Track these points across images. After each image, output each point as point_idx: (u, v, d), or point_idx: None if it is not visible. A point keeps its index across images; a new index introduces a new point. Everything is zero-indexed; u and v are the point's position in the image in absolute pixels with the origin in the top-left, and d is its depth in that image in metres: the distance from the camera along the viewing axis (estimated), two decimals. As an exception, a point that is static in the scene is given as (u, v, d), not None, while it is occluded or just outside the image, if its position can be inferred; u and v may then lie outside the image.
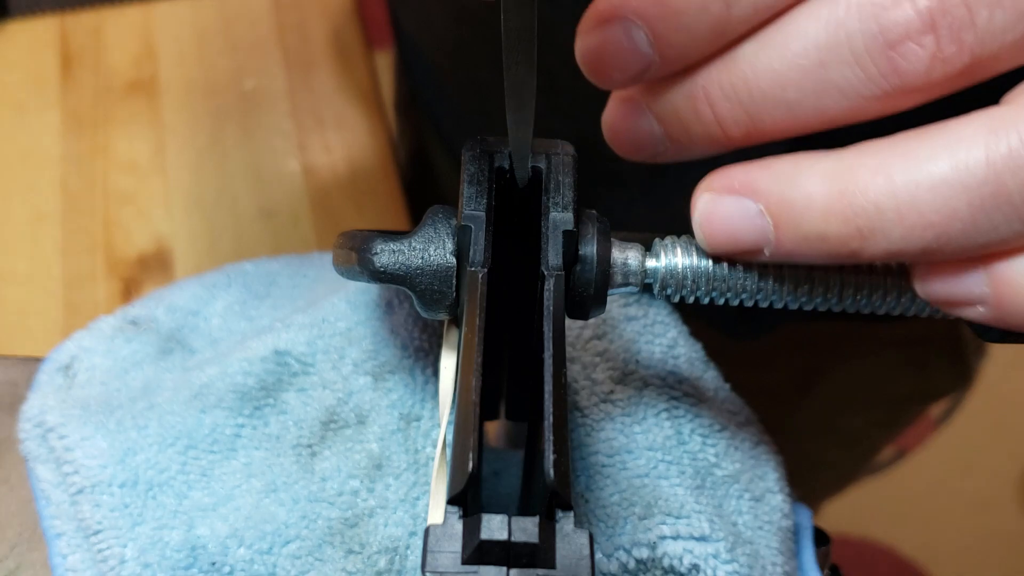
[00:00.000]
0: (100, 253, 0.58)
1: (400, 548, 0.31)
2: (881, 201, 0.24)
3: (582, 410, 0.34)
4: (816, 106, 0.25)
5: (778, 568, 0.33)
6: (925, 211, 0.23)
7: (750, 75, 0.25)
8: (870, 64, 0.24)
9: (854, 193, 0.24)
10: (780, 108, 0.25)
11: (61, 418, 0.33)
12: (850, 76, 0.24)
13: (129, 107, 0.63)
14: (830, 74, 0.24)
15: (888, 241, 0.24)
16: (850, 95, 0.24)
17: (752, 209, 0.26)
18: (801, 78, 0.24)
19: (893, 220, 0.24)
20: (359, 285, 0.36)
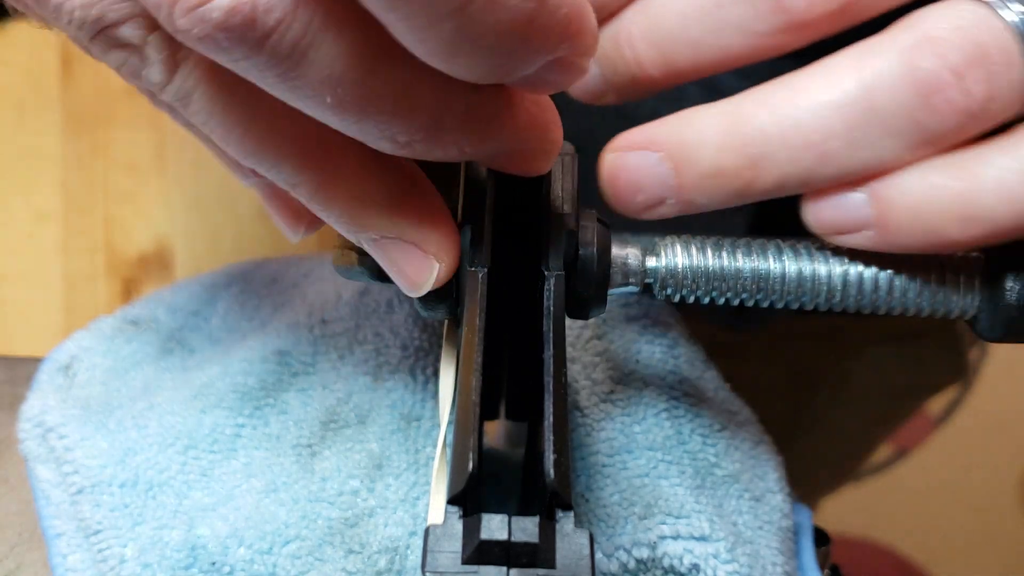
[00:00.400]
0: (100, 253, 0.58)
1: (400, 548, 0.31)
2: (766, 127, 0.26)
3: (582, 410, 0.34)
4: (717, 43, 0.27)
5: (778, 568, 0.33)
6: (806, 131, 0.26)
7: (660, 15, 0.28)
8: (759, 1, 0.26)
9: (743, 124, 0.26)
10: (687, 46, 0.28)
11: (61, 418, 0.33)
12: (742, 12, 0.27)
13: (129, 107, 0.63)
14: (725, 11, 0.27)
15: (777, 166, 0.26)
16: (745, 31, 0.27)
17: (652, 158, 0.28)
18: (702, 16, 0.27)
19: (778, 144, 0.26)
20: (359, 285, 0.36)
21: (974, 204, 0.25)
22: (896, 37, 0.25)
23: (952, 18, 0.25)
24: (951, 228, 0.25)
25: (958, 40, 0.25)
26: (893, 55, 0.25)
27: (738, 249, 0.28)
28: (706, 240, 0.29)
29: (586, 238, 0.27)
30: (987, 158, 0.25)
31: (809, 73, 0.26)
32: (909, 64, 0.25)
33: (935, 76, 0.25)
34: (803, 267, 0.28)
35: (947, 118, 0.25)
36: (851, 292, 0.28)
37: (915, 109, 0.25)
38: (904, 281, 0.28)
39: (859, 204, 0.26)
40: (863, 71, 0.25)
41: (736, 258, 0.28)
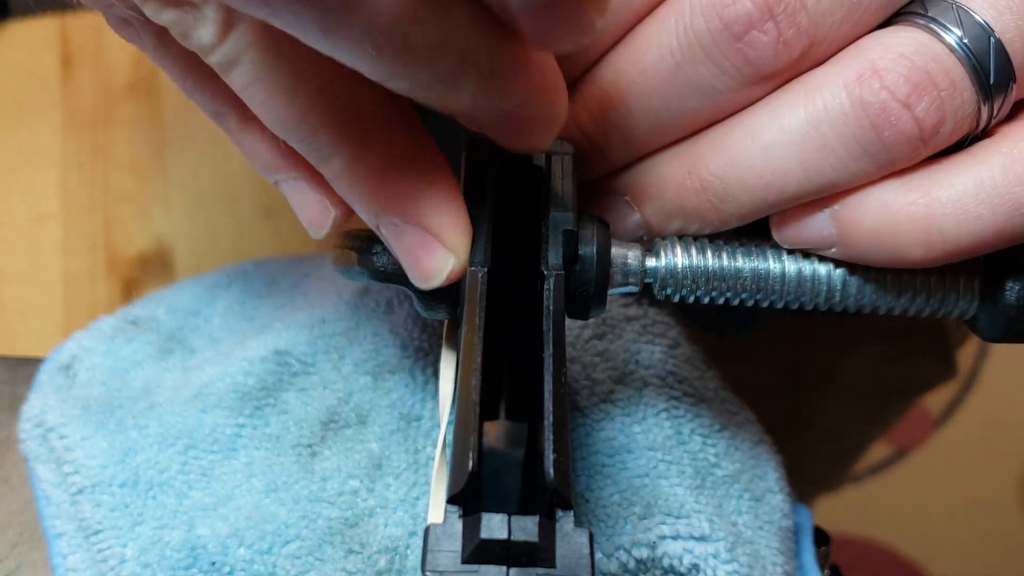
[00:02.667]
0: (100, 253, 0.58)
1: (400, 548, 0.31)
2: (723, 171, 0.27)
3: (582, 410, 0.34)
4: (680, 108, 0.27)
5: (778, 568, 0.33)
6: (762, 173, 0.26)
7: (614, 94, 0.27)
8: (722, 59, 0.26)
9: (699, 169, 0.27)
10: (648, 117, 0.27)
11: (61, 418, 0.33)
12: (705, 73, 0.26)
13: (129, 107, 0.63)
14: (687, 75, 0.26)
15: (738, 205, 0.27)
16: (709, 91, 0.26)
17: (620, 200, 0.29)
18: (662, 84, 0.27)
19: (736, 187, 0.27)
20: (359, 285, 0.36)
21: (934, 227, 0.25)
22: (841, 70, 0.25)
23: (895, 47, 0.25)
24: (914, 250, 0.26)
25: (903, 70, 0.25)
26: (839, 89, 0.25)
27: (738, 249, 0.28)
28: (706, 240, 0.29)
29: (586, 238, 0.27)
30: (944, 178, 0.26)
31: (759, 112, 0.26)
32: (856, 98, 0.25)
33: (883, 108, 0.25)
34: (803, 267, 0.28)
35: (899, 147, 0.25)
36: (851, 292, 0.28)
37: (867, 142, 0.25)
38: (904, 282, 0.28)
39: (822, 224, 0.27)
40: (810, 107, 0.26)
41: (736, 258, 0.28)
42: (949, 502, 1.48)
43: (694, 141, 0.27)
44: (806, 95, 0.26)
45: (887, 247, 0.26)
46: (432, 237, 0.26)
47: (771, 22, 0.25)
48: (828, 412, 0.74)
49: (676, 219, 0.28)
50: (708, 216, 0.27)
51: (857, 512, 1.32)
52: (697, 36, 0.26)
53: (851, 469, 0.90)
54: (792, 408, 0.70)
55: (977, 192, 0.25)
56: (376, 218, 0.26)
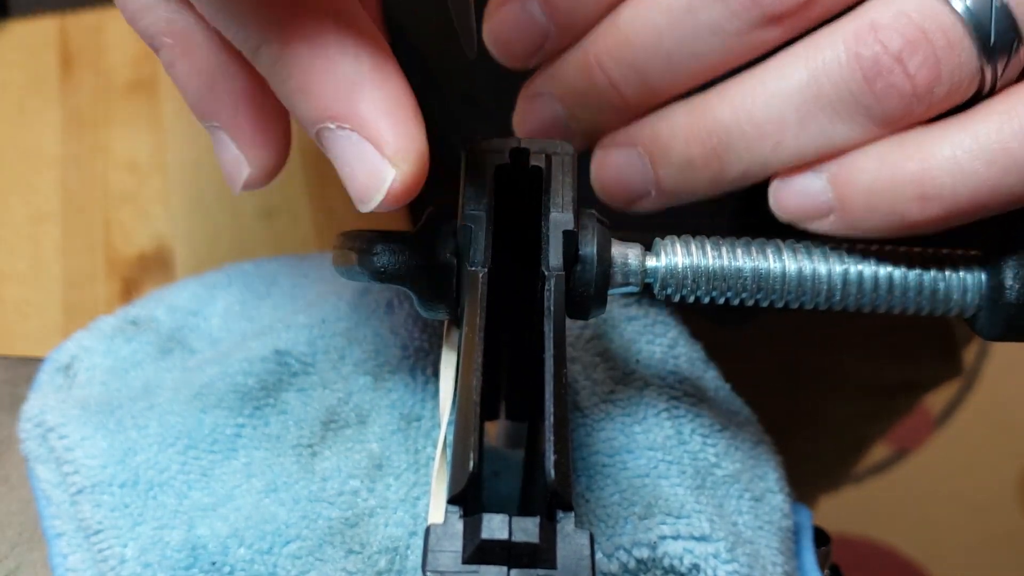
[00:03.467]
0: (100, 253, 0.58)
1: (400, 548, 0.31)
2: (725, 119, 0.28)
3: (582, 410, 0.34)
4: (692, 51, 0.27)
5: (778, 568, 0.33)
6: (761, 122, 0.27)
7: (630, 32, 0.28)
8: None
9: (704, 116, 0.28)
10: (661, 59, 0.28)
11: (61, 418, 0.33)
12: (715, 14, 0.27)
13: (129, 107, 0.63)
14: (699, 16, 0.27)
15: (738, 156, 0.28)
16: (719, 33, 0.27)
17: (633, 154, 0.30)
18: (674, 25, 0.27)
19: (737, 135, 0.27)
20: (359, 285, 0.36)
21: (929, 183, 0.26)
22: (843, 26, 0.26)
23: (897, 4, 0.26)
24: (911, 208, 0.26)
25: (899, 26, 0.25)
26: (839, 43, 0.26)
27: (738, 249, 0.28)
28: (706, 240, 0.29)
29: (586, 238, 0.27)
30: (940, 136, 0.26)
31: (765, 66, 0.27)
32: (852, 51, 0.26)
33: (876, 62, 0.25)
34: (803, 266, 0.28)
35: (892, 102, 0.26)
36: (851, 291, 0.28)
37: (860, 95, 0.26)
38: (904, 280, 0.28)
39: (819, 190, 0.27)
40: (811, 60, 0.26)
41: (736, 258, 0.28)
42: (949, 502, 1.48)
43: (705, 92, 0.28)
44: (809, 49, 0.26)
45: (884, 208, 0.26)
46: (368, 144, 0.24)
47: None
48: (830, 410, 0.74)
49: (684, 171, 0.29)
50: (713, 168, 0.28)
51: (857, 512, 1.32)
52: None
53: (853, 468, 0.90)
54: (793, 405, 0.70)
55: (972, 147, 0.26)
56: (311, 124, 0.24)
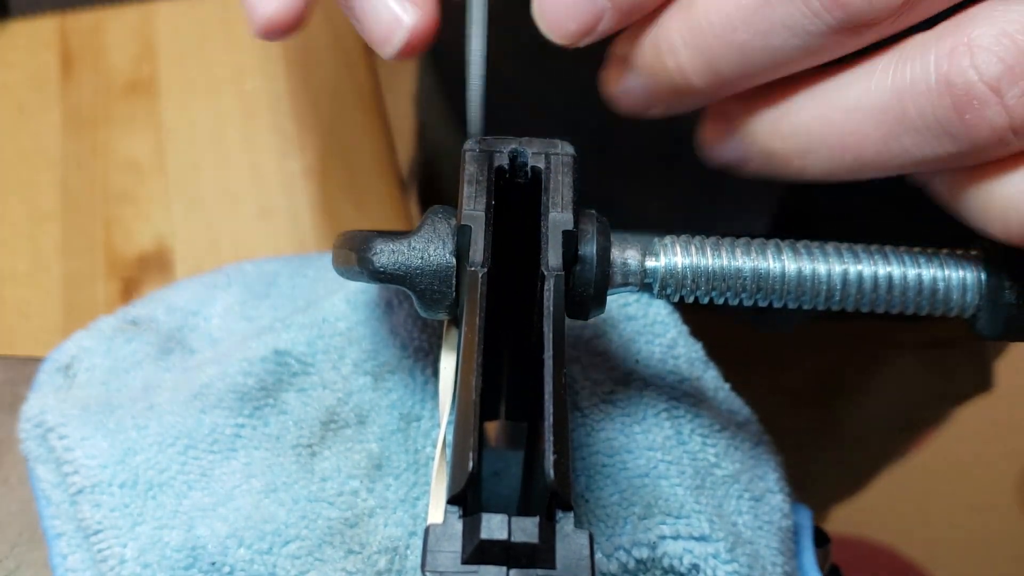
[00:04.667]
0: (100, 253, 0.58)
1: (400, 548, 0.31)
2: (809, 122, 0.26)
3: (582, 410, 0.34)
4: (766, 46, 0.25)
5: (778, 568, 0.33)
6: (842, 133, 0.25)
7: (703, 19, 0.26)
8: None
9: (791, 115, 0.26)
10: (733, 51, 0.26)
11: (61, 418, 0.33)
12: (794, 12, 0.24)
13: (129, 107, 0.63)
14: (775, 11, 0.24)
15: (819, 160, 0.26)
16: (797, 31, 0.25)
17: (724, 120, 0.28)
18: (748, 16, 0.25)
19: (818, 141, 0.25)
20: (359, 285, 0.36)
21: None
22: (937, 40, 0.23)
23: (1001, 22, 0.23)
24: None
25: (1000, 49, 0.22)
26: (929, 61, 0.23)
27: (738, 248, 0.28)
28: (705, 240, 0.29)
29: (585, 238, 0.27)
30: None
31: (852, 69, 0.25)
32: (943, 74, 0.23)
33: (968, 89, 0.23)
34: (803, 266, 0.28)
35: (983, 134, 0.23)
36: (851, 291, 0.28)
37: (947, 123, 0.23)
38: (904, 280, 0.28)
39: None
40: (898, 75, 0.24)
41: (736, 258, 0.28)
42: (949, 502, 1.48)
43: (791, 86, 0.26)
44: (897, 61, 0.24)
45: None
46: None
47: None
48: (859, 420, 0.74)
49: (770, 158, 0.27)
50: (794, 164, 0.27)
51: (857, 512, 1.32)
52: None
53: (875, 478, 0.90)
54: (823, 415, 0.70)
55: None
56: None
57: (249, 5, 0.28)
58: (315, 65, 0.66)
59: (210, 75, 0.65)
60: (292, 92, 0.65)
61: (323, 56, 0.66)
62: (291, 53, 0.66)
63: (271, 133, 0.63)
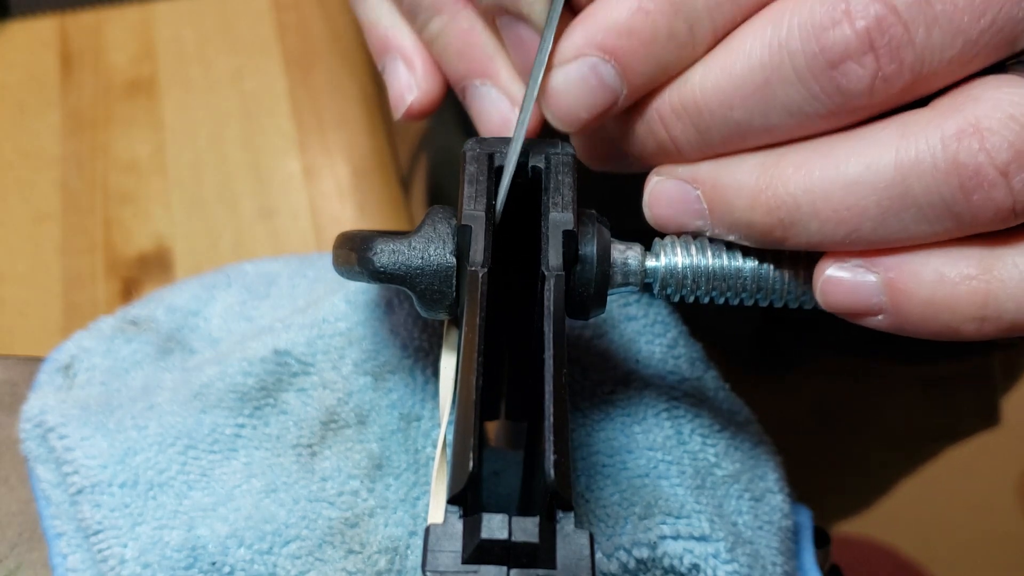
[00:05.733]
0: (100, 253, 0.58)
1: (400, 548, 0.31)
2: (799, 196, 0.25)
3: (582, 410, 0.34)
4: (763, 124, 0.25)
5: (778, 568, 0.33)
6: (838, 207, 0.24)
7: (699, 97, 0.26)
8: (812, 83, 0.24)
9: (776, 186, 0.25)
10: (728, 126, 0.26)
11: (61, 418, 0.33)
12: (794, 95, 0.24)
13: (129, 107, 0.63)
14: (775, 93, 0.25)
15: (807, 233, 0.25)
16: (795, 112, 0.25)
17: (691, 194, 0.27)
18: (747, 97, 0.25)
19: (809, 214, 0.25)
20: (359, 285, 0.36)
21: (992, 305, 0.24)
22: (943, 120, 0.23)
23: (1006, 106, 0.23)
24: (967, 327, 0.24)
25: (1009, 134, 0.23)
26: (936, 141, 0.23)
27: (738, 249, 0.28)
28: (705, 240, 0.29)
29: (586, 238, 0.27)
30: (1007, 257, 0.24)
31: (849, 143, 0.25)
32: (952, 154, 0.23)
33: (977, 172, 0.23)
34: (803, 266, 0.28)
35: (988, 215, 0.23)
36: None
37: (953, 203, 0.23)
38: None
39: (872, 291, 0.25)
40: (902, 152, 0.24)
41: (736, 258, 0.28)
42: (949, 502, 1.48)
43: (779, 155, 0.26)
44: (901, 138, 0.24)
45: (939, 322, 0.25)
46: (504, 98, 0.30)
47: (871, 55, 0.23)
48: (862, 451, 0.74)
49: (741, 230, 0.27)
50: (774, 235, 0.26)
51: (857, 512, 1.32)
52: (790, 55, 0.24)
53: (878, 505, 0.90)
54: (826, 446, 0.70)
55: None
56: (461, 79, 0.31)
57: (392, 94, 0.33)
58: (315, 65, 0.66)
59: (210, 75, 0.65)
60: (292, 92, 0.65)
61: (323, 56, 0.66)
62: (291, 53, 0.66)
63: (271, 133, 0.63)
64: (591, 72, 0.26)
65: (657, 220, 0.29)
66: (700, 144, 0.27)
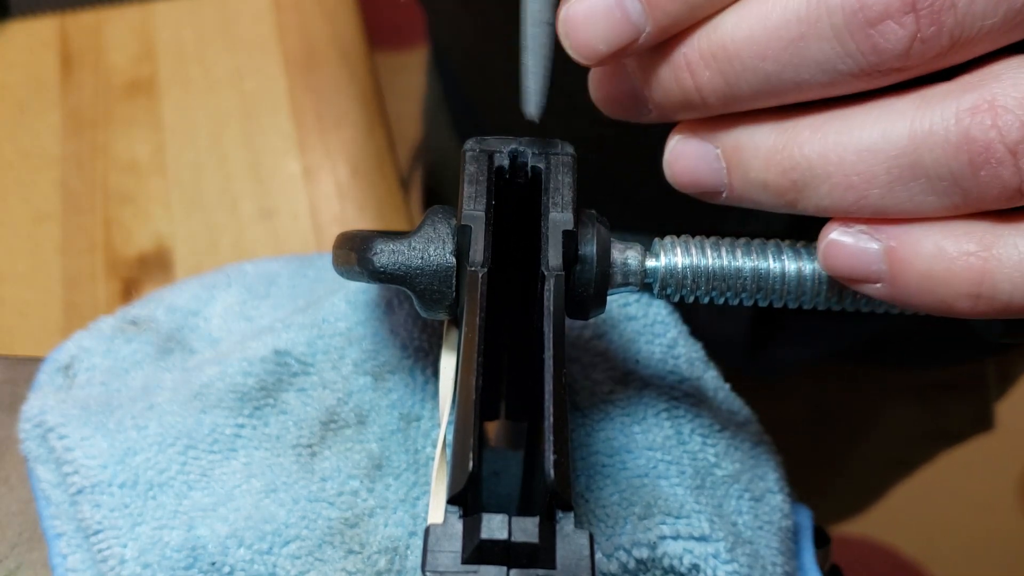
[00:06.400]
0: (100, 253, 0.58)
1: (400, 548, 0.31)
2: (813, 158, 0.25)
3: (582, 410, 0.34)
4: (794, 79, 0.25)
5: (778, 568, 0.33)
6: (849, 172, 0.25)
7: (730, 44, 0.25)
8: (849, 40, 0.24)
9: (792, 148, 0.25)
10: (758, 78, 0.25)
11: (61, 418, 0.33)
12: (828, 51, 0.24)
13: (129, 107, 0.63)
14: (809, 48, 0.24)
15: (818, 196, 0.25)
16: (828, 69, 0.24)
17: (711, 153, 0.27)
18: (780, 50, 0.25)
19: (821, 177, 0.25)
20: (359, 285, 0.36)
21: (988, 283, 0.24)
22: (961, 94, 0.23)
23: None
24: (961, 302, 0.25)
25: (1023, 113, 0.23)
26: (951, 114, 0.23)
27: (738, 249, 0.28)
28: (705, 240, 0.29)
29: (585, 238, 0.27)
30: (1007, 237, 0.24)
31: (866, 111, 0.25)
32: (964, 129, 0.23)
33: (987, 148, 0.23)
34: (803, 266, 0.28)
35: (994, 192, 0.23)
36: (850, 292, 0.28)
37: (961, 177, 0.23)
38: None
39: (873, 259, 0.25)
40: (917, 123, 0.24)
41: (736, 258, 0.28)
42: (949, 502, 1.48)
43: (797, 119, 0.26)
44: (917, 109, 0.24)
45: (934, 295, 0.25)
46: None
47: (911, 15, 0.23)
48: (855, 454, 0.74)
49: (757, 190, 0.27)
50: (787, 197, 0.26)
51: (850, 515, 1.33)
52: (829, 10, 0.24)
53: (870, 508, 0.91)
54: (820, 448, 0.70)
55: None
56: None
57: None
58: (315, 65, 0.66)
59: (210, 75, 0.65)
60: (292, 92, 0.65)
61: (323, 56, 0.66)
62: (291, 53, 0.66)
63: (271, 133, 0.63)
64: (616, 5, 0.25)
65: (676, 179, 0.28)
66: (726, 95, 0.26)
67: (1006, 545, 1.49)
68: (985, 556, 1.48)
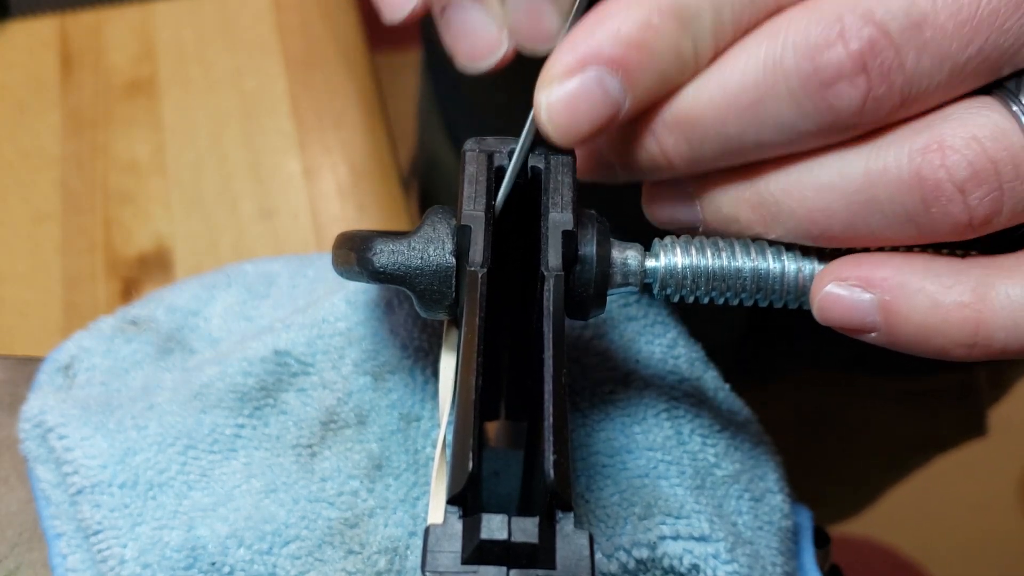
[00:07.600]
0: (100, 253, 0.58)
1: (400, 548, 0.31)
2: (777, 195, 0.27)
3: (582, 410, 0.34)
4: (755, 140, 0.26)
5: (778, 568, 0.33)
6: (811, 208, 0.26)
7: (693, 111, 0.26)
8: (805, 101, 0.25)
9: (759, 184, 0.27)
10: (720, 141, 0.26)
11: (61, 418, 0.33)
12: (786, 113, 0.25)
13: (129, 107, 0.63)
14: (767, 110, 0.25)
15: (785, 228, 0.27)
16: (787, 129, 0.26)
17: (685, 192, 0.29)
18: (740, 114, 0.26)
19: (787, 212, 0.27)
20: (359, 285, 0.36)
21: (982, 333, 0.25)
22: (914, 135, 0.25)
23: (971, 126, 0.24)
24: (957, 351, 0.25)
25: (969, 154, 0.24)
26: (904, 154, 0.25)
27: (738, 249, 0.28)
28: (705, 240, 0.29)
29: (585, 238, 0.27)
30: (998, 285, 0.25)
31: (826, 155, 0.26)
32: (915, 168, 0.24)
33: (937, 187, 0.24)
34: (803, 267, 0.28)
35: (944, 226, 0.25)
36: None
37: (914, 213, 0.25)
38: None
39: (867, 310, 0.26)
40: (872, 162, 0.25)
41: (736, 258, 0.28)
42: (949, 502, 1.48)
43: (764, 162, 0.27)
44: (872, 150, 0.25)
45: (930, 344, 0.26)
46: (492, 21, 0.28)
47: (863, 76, 0.24)
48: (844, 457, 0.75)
49: (731, 224, 0.28)
50: (756, 229, 0.28)
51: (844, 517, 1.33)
52: (784, 74, 0.25)
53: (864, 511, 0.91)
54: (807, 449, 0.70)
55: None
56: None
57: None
58: (315, 65, 0.66)
59: (210, 75, 0.65)
60: (292, 92, 0.65)
61: (323, 56, 0.66)
62: (291, 53, 0.66)
63: (271, 133, 0.63)
64: (597, 84, 0.26)
65: (654, 217, 0.30)
66: (691, 158, 0.27)
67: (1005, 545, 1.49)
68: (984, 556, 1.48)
